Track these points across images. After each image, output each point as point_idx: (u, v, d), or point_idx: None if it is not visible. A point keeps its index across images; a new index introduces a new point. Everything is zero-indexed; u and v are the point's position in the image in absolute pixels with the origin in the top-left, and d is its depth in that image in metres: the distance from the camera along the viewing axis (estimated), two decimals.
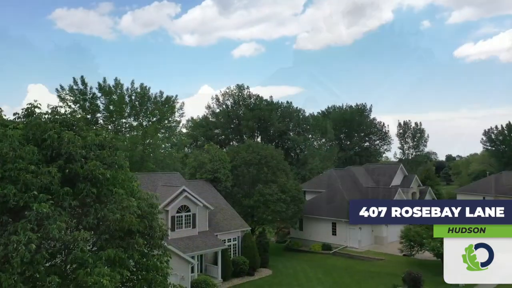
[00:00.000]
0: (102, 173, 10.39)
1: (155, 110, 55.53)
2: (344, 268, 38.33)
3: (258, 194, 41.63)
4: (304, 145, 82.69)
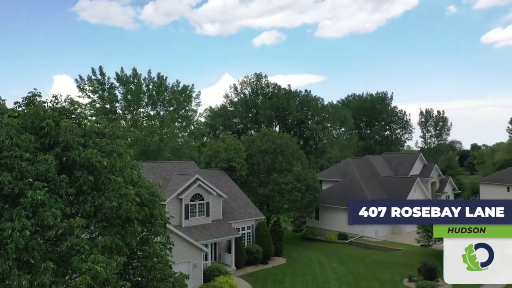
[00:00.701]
0: (99, 161, 10.47)
1: (172, 100, 55.89)
2: (359, 258, 38.03)
3: (273, 183, 41.57)
4: (322, 134, 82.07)
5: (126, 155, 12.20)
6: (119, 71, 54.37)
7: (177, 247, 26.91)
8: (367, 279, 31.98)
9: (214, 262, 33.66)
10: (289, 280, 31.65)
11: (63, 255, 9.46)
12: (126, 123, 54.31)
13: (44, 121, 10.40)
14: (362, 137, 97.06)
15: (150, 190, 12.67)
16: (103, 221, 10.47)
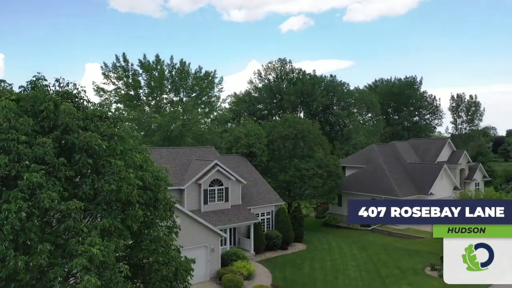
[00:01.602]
0: (98, 144, 10.46)
1: (194, 86, 56.02)
2: (381, 245, 37.39)
3: (294, 169, 41.21)
4: (348, 120, 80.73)
5: (129, 139, 12.18)
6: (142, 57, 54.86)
7: (194, 231, 27.23)
8: (387, 266, 31.41)
9: (233, 247, 33.84)
10: (307, 266, 31.48)
11: (60, 237, 9.54)
12: (150, 109, 54.91)
13: (43, 104, 10.46)
14: (389, 123, 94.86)
15: (155, 174, 12.63)
16: (103, 204, 10.50)
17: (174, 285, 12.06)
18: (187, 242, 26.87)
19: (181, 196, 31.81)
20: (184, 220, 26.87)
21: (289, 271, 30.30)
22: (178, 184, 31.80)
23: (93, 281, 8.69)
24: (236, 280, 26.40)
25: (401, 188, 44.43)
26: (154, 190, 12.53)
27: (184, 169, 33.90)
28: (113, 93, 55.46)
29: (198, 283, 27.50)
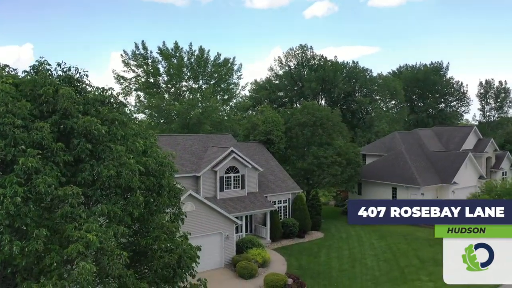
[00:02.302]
0: (97, 128, 10.28)
1: (214, 73, 55.76)
2: (402, 235, 36.58)
3: (312, 157, 40.61)
4: (370, 107, 79.15)
5: (132, 124, 11.97)
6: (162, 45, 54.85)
7: (209, 218, 27.19)
8: (407, 256, 30.71)
9: (250, 234, 33.74)
10: (324, 255, 31.09)
11: (57, 223, 9.44)
12: (169, 96, 55.03)
13: (42, 88, 10.32)
14: (413, 110, 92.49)
15: (159, 160, 12.41)
16: (102, 190, 10.35)
17: (178, 273, 11.89)
18: (202, 228, 26.93)
19: (197, 183, 31.80)
20: (198, 207, 26.87)
21: (305, 259, 29.99)
22: (194, 171, 31.77)
23: (88, 267, 8.56)
24: (251, 267, 26.28)
25: (423, 177, 43.27)
26: (157, 176, 12.33)
27: (200, 156, 33.83)
28: (133, 80, 55.80)
29: (213, 269, 27.56)
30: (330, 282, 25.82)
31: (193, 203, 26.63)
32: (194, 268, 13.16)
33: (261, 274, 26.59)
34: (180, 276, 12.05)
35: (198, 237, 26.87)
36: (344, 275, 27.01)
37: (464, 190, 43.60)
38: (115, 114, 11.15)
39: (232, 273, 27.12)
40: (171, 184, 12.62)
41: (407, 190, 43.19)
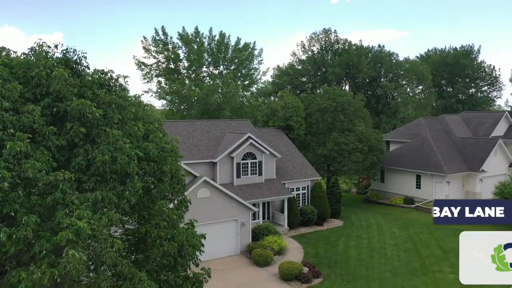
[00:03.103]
0: (92, 112, 9.90)
1: (234, 58, 55.07)
2: (424, 224, 35.42)
3: (333, 143, 39.66)
4: (396, 93, 76.85)
5: (131, 108, 11.55)
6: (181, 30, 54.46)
7: (224, 205, 26.89)
8: (429, 246, 29.67)
9: (267, 221, 33.34)
10: (342, 243, 30.39)
11: (49, 209, 9.16)
12: (189, 82, 54.77)
13: (35, 70, 9.99)
14: (442, 95, 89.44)
15: (160, 145, 11.99)
16: (96, 175, 10.00)
17: (179, 261, 11.52)
18: (217, 215, 26.69)
19: (213, 170, 31.51)
20: (213, 193, 26.59)
21: (322, 248, 29.40)
22: (210, 157, 31.47)
23: (77, 256, 8.25)
24: (266, 255, 25.90)
25: (449, 165, 41.69)
26: (159, 162, 11.92)
27: (217, 142, 33.46)
28: (154, 67, 55.80)
29: (228, 256, 27.37)
30: (347, 272, 25.17)
31: (208, 190, 26.35)
32: (198, 257, 12.76)
33: (277, 261, 26.20)
34: (182, 265, 11.69)
35: (213, 223, 26.71)
36: (362, 265, 26.29)
37: (492, 179, 41.87)
38: (112, 97, 10.73)
39: (248, 260, 26.83)
40: (173, 170, 12.17)
41: (431, 178, 41.78)
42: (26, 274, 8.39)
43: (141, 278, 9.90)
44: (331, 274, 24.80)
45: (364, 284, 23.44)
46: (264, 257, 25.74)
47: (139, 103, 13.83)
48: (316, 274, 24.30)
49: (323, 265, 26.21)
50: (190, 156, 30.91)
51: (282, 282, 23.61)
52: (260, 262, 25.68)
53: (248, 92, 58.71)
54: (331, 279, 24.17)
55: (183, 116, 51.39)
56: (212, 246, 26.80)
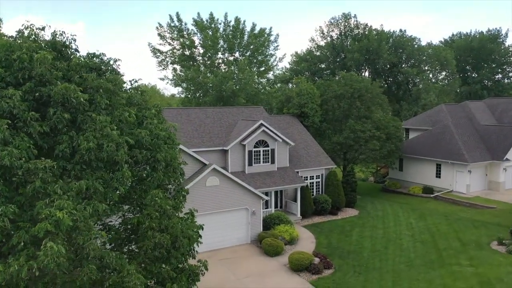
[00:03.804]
0: (77, 96, 9.39)
1: (250, 44, 54.12)
2: (443, 214, 34.23)
3: (349, 131, 38.56)
4: (418, 79, 74.51)
5: (122, 93, 11.00)
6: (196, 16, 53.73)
7: (234, 193, 26.40)
8: (447, 238, 28.57)
9: (280, 210, 32.79)
10: (356, 234, 29.58)
11: (29, 199, 8.74)
12: (205, 69, 54.19)
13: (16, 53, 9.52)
14: (466, 81, 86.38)
15: (154, 132, 11.44)
16: (82, 163, 9.53)
17: (172, 254, 11.04)
18: (227, 203, 26.24)
19: (225, 157, 31.01)
20: (223, 181, 26.11)
21: (335, 238, 28.67)
22: (222, 145, 30.94)
23: (55, 248, 7.81)
24: (276, 244, 25.35)
25: (471, 153, 40.10)
26: (152, 149, 11.39)
27: (229, 129, 32.89)
28: (169, 53, 55.39)
29: (239, 245, 26.96)
30: (360, 263, 24.42)
31: (217, 178, 25.87)
32: (195, 249, 12.26)
33: (287, 251, 25.65)
34: (176, 258, 11.20)
35: (222, 212, 26.30)
36: (376, 256, 25.48)
37: None
38: (100, 82, 10.18)
39: (258, 249, 26.36)
40: (168, 158, 11.63)
41: (452, 167, 40.31)
42: (2, 267, 8.01)
43: (129, 271, 9.44)
44: (343, 265, 24.09)
45: (377, 276, 22.68)
46: (274, 247, 25.21)
47: (136, 88, 13.26)
48: (327, 265, 23.64)
49: (335, 255, 25.52)
50: (201, 143, 30.47)
51: (292, 272, 23.06)
52: (270, 252, 25.16)
53: (264, 78, 57.72)
54: (343, 270, 23.48)
55: (199, 104, 50.97)
56: (222, 235, 26.47)
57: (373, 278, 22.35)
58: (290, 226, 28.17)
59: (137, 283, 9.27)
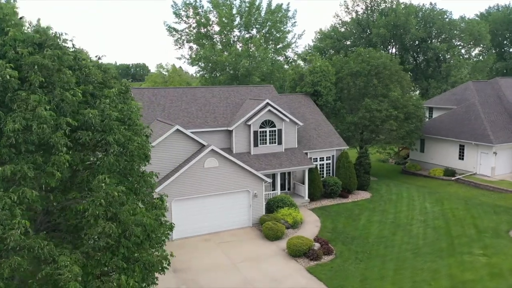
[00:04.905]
0: (3, 74, 8.63)
1: (266, 21, 52.34)
2: (463, 199, 32.27)
3: (364, 110, 36.71)
4: (448, 55, 70.51)
5: (66, 70, 10.14)
6: None
7: (234, 175, 25.66)
8: (462, 224, 26.81)
9: (288, 192, 31.82)
10: (364, 218, 28.26)
11: None
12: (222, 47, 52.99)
13: None
14: (502, 57, 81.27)
15: (107, 112, 10.59)
16: (9, 147, 8.84)
17: (123, 243, 10.31)
18: (226, 186, 25.51)
19: (229, 138, 30.13)
20: (222, 163, 25.30)
21: (342, 222, 27.48)
22: (226, 125, 30.03)
23: None
24: (277, 228, 24.48)
25: (497, 134, 37.47)
26: (104, 131, 10.58)
27: (236, 109, 31.89)
28: (185, 32, 54.46)
29: (239, 228, 26.30)
30: (363, 250, 23.23)
31: (216, 159, 25.06)
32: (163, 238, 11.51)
33: (289, 235, 24.76)
34: (127, 247, 10.46)
35: (222, 194, 25.58)
36: (381, 243, 24.18)
37: None
38: (35, 58, 9.37)
39: (259, 233, 25.60)
40: (121, 140, 10.80)
41: (476, 148, 37.89)
42: None
43: (62, 262, 8.77)
44: (344, 251, 22.99)
45: (379, 264, 21.46)
46: (274, 231, 24.35)
47: (99, 66, 12.42)
48: (328, 251, 22.59)
49: (338, 241, 24.42)
50: (204, 124, 29.68)
51: (289, 258, 22.20)
52: (270, 236, 24.34)
53: (282, 56, 55.91)
54: (344, 256, 22.39)
55: (214, 83, 50.09)
56: (222, 218, 25.84)
57: (374, 266, 21.17)
58: (294, 209, 27.19)
59: (69, 276, 8.60)
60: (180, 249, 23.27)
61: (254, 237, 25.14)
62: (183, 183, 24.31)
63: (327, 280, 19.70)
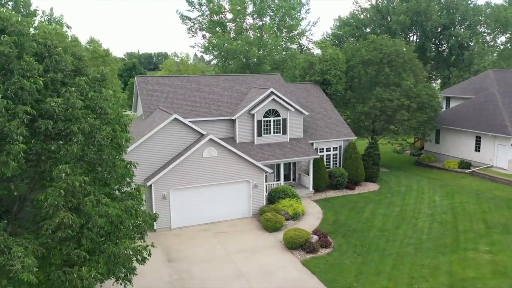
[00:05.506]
0: None
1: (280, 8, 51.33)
2: (475, 192, 31.07)
3: (375, 99, 35.63)
4: (472, 42, 67.77)
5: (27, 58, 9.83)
6: None
7: (234, 165, 25.44)
8: (471, 219, 25.78)
9: (293, 183, 31.32)
10: (369, 211, 27.52)
11: None
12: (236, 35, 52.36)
13: None
14: None
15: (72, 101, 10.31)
16: None
17: (85, 234, 10.13)
18: (226, 176, 25.24)
19: (233, 128, 29.76)
20: (221, 152, 24.99)
21: (344, 214, 26.83)
22: (229, 114, 29.65)
23: None
24: (275, 220, 24.07)
25: None
26: (69, 120, 10.36)
27: (240, 98, 31.44)
28: (198, 20, 54.03)
29: (239, 219, 26.04)
30: (363, 243, 22.59)
31: (215, 149, 24.75)
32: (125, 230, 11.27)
33: (288, 227, 24.35)
34: (90, 239, 10.28)
35: (221, 184, 25.31)
36: (383, 236, 23.47)
37: None
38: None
39: (258, 224, 25.28)
40: (87, 129, 10.56)
41: (493, 140, 36.34)
42: None
43: (15, 253, 8.64)
44: (343, 245, 22.41)
45: (377, 258, 20.81)
46: (272, 222, 23.96)
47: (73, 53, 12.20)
48: (326, 243, 22.07)
49: (338, 233, 23.83)
50: (207, 113, 29.38)
51: (286, 250, 21.80)
52: (269, 227, 23.97)
53: (296, 44, 54.83)
54: (341, 250, 21.83)
55: (226, 71, 49.66)
56: (221, 208, 25.61)
57: (371, 261, 20.54)
58: (296, 201, 26.70)
59: (19, 267, 8.47)
60: (177, 239, 23.23)
61: (253, 228, 24.84)
62: (182, 172, 24.13)
63: (320, 274, 19.23)
